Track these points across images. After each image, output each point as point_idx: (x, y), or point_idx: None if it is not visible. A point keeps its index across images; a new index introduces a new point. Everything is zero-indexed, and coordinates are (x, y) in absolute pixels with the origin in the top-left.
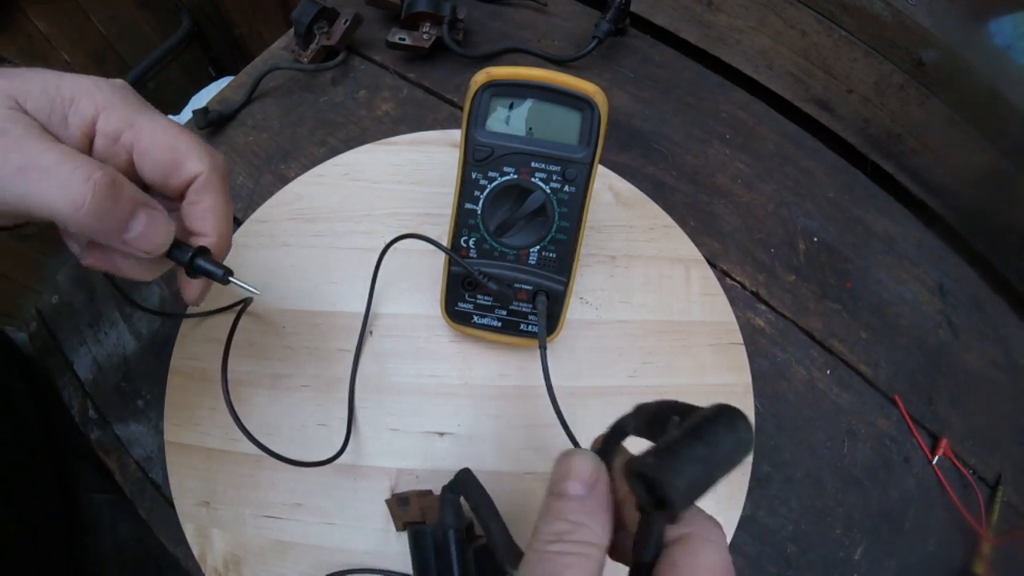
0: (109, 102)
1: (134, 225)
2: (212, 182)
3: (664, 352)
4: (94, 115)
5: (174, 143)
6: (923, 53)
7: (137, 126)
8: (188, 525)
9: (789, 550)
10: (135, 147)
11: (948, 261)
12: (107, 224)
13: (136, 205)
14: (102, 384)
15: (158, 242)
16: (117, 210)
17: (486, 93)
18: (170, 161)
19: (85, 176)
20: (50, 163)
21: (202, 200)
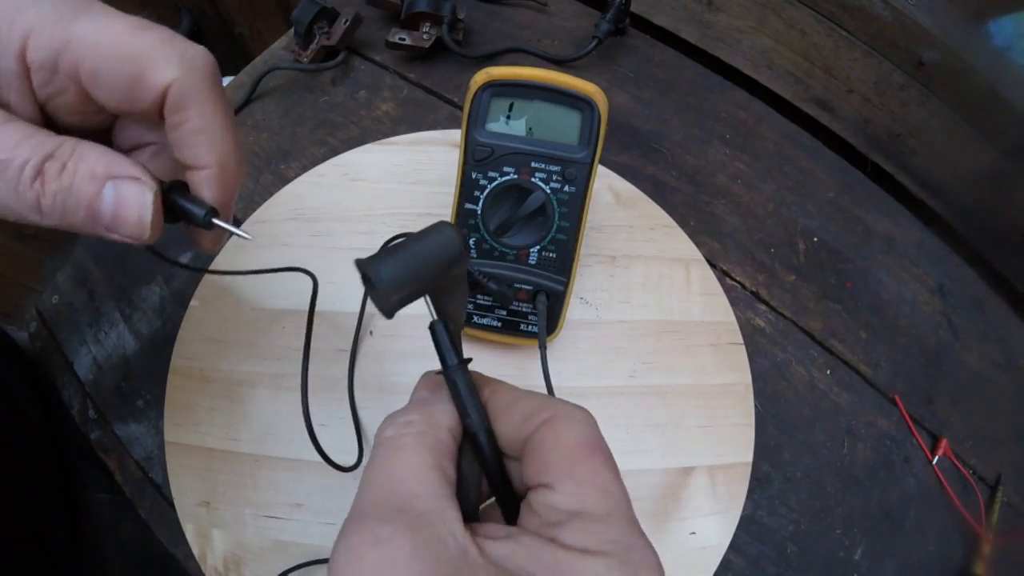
0: (33, 22)
1: (103, 208)
2: (192, 89)
3: (664, 352)
4: (20, 47)
5: (127, 50)
6: (923, 53)
7: (75, 42)
8: (188, 525)
9: (789, 550)
10: (79, 72)
11: (948, 261)
12: (76, 220)
13: (97, 182)
14: (102, 384)
15: (135, 221)
16: (76, 200)
17: (486, 93)
18: (128, 77)
19: (19, 169)
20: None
21: (185, 118)
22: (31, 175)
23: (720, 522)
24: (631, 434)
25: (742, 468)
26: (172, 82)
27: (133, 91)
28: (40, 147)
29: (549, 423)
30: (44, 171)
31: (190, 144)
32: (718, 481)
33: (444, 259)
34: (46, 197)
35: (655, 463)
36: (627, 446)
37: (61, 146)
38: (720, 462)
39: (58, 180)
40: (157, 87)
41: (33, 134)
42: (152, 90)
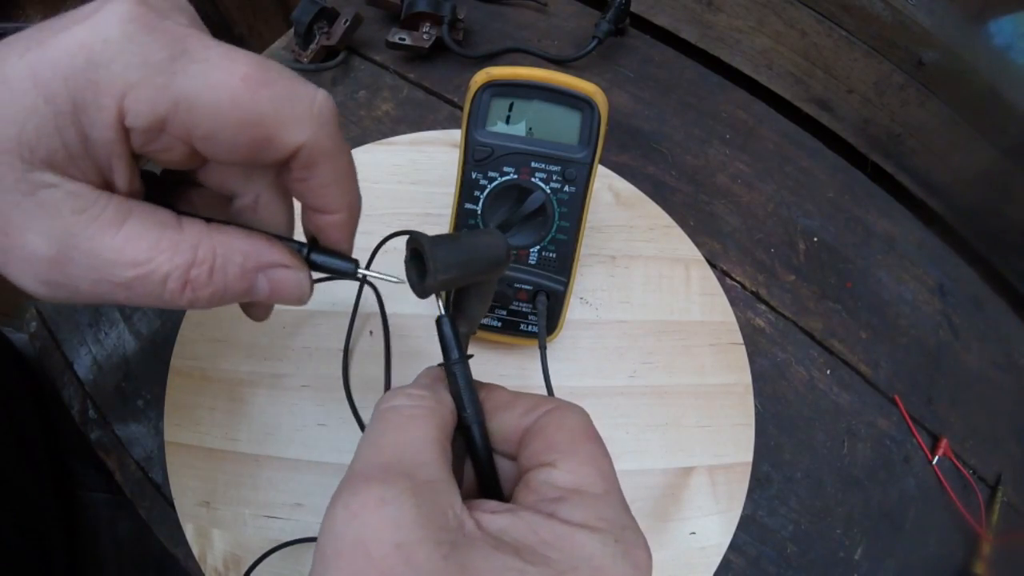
0: (126, 81)
1: (259, 288)
2: (324, 145)
3: (664, 352)
4: (117, 114)
5: (250, 113)
6: (923, 53)
7: (185, 104)
8: (188, 525)
9: (789, 550)
10: (192, 136)
11: (948, 261)
12: (229, 302)
13: (247, 275)
14: (102, 384)
15: (298, 296)
16: (232, 294)
17: (486, 93)
18: (252, 141)
19: (161, 282)
20: (122, 275)
21: (317, 172)
22: (178, 287)
23: (720, 522)
24: (631, 434)
25: (742, 468)
26: (304, 144)
27: (257, 153)
28: (178, 255)
29: (553, 412)
30: (191, 280)
31: (321, 195)
32: (718, 481)
33: (492, 259)
34: (199, 300)
35: (655, 463)
36: (627, 446)
37: (199, 248)
38: (720, 462)
39: (209, 286)
40: (287, 149)
41: (160, 236)
42: (281, 152)
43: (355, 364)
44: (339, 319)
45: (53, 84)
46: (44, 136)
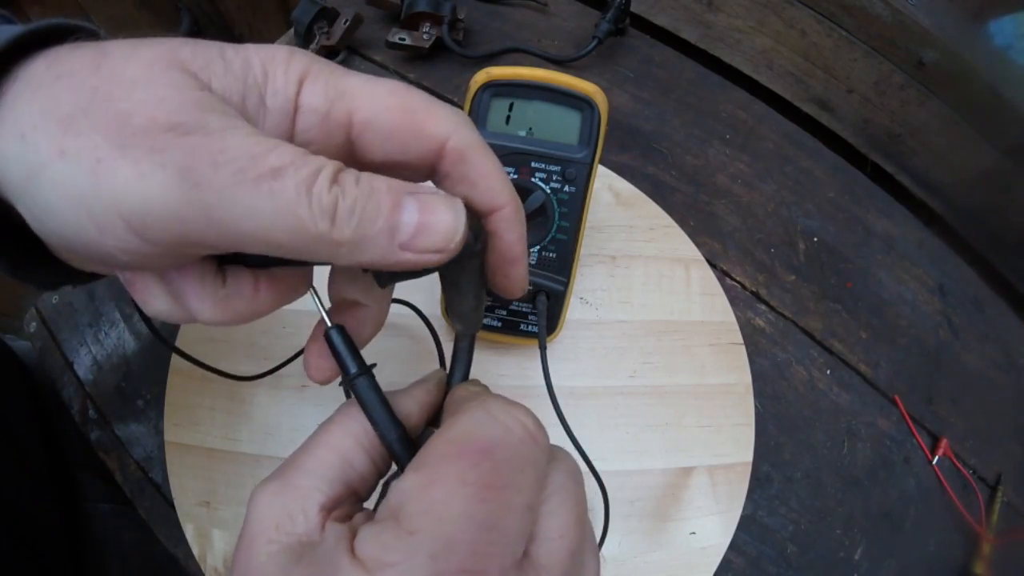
0: (309, 69)
1: (406, 218)
2: (471, 139)
3: (664, 352)
4: (296, 90)
5: (404, 103)
6: (923, 53)
7: (351, 91)
8: (188, 525)
9: (789, 550)
10: (354, 119)
11: (948, 261)
12: (372, 231)
13: (396, 193)
14: (102, 384)
15: (448, 226)
16: (377, 207)
17: (486, 93)
18: (405, 128)
19: (314, 173)
20: (281, 165)
21: (472, 165)
22: (328, 178)
23: (720, 522)
24: (631, 434)
25: (742, 468)
26: (451, 135)
27: (410, 141)
28: (328, 161)
29: (458, 414)
30: (340, 181)
31: (485, 188)
32: (718, 481)
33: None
34: (346, 199)
35: (655, 463)
36: (627, 446)
37: (344, 164)
38: (720, 462)
39: (357, 188)
40: (437, 138)
41: (308, 152)
42: (432, 140)
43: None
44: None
45: (254, 57)
46: (228, 81)
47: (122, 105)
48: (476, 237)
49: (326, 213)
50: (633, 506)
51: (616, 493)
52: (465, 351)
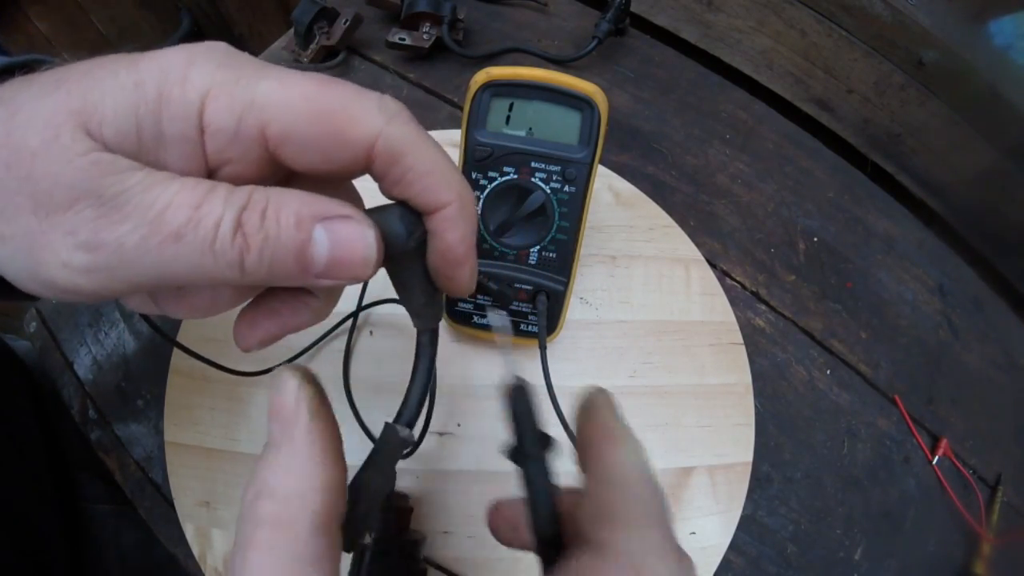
0: (212, 81)
1: (316, 253)
2: (402, 135)
3: (664, 352)
4: (198, 110)
5: (321, 106)
6: (923, 53)
7: (260, 102)
8: (188, 525)
9: (789, 550)
10: (268, 134)
11: (948, 261)
12: (283, 271)
13: (305, 228)
14: (102, 384)
15: (360, 257)
16: (285, 248)
17: (486, 93)
18: (325, 134)
19: (213, 228)
20: (178, 226)
21: (408, 165)
22: (230, 230)
23: (720, 522)
24: None
25: (742, 468)
26: (379, 134)
27: (334, 146)
28: (232, 200)
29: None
30: (243, 224)
31: (422, 188)
32: (718, 481)
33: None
34: (251, 253)
35: (655, 463)
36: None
37: (253, 194)
38: (720, 462)
39: (262, 231)
40: (361, 143)
41: (215, 186)
42: (356, 146)
43: (355, 364)
44: (338, 319)
45: (147, 79)
46: (117, 119)
47: (35, 185)
48: (409, 235)
49: (233, 265)
50: None
51: None
52: (426, 346)
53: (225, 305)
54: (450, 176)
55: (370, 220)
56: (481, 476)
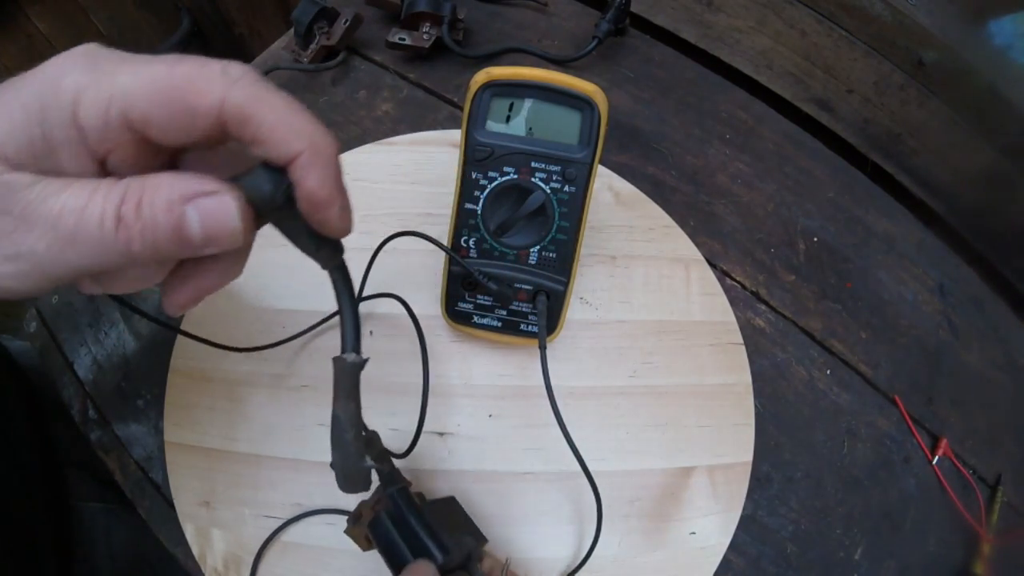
0: (78, 84)
1: (191, 231)
2: (246, 95)
3: (664, 352)
4: (71, 113)
5: (167, 83)
6: (923, 53)
7: (118, 92)
8: (188, 525)
9: (789, 550)
10: (130, 120)
11: (948, 261)
12: (168, 250)
13: (173, 205)
14: (102, 384)
15: (229, 228)
16: (163, 230)
17: (486, 93)
18: (177, 109)
19: (98, 224)
20: (71, 228)
21: (256, 123)
22: (112, 225)
23: (720, 522)
24: (631, 434)
25: (742, 468)
26: (223, 97)
27: (187, 120)
28: (110, 195)
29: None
30: (122, 217)
31: (274, 141)
32: (718, 481)
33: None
34: (133, 241)
35: (655, 463)
36: (627, 446)
37: (129, 187)
38: (720, 462)
39: (139, 220)
40: (209, 110)
41: (97, 186)
42: (206, 115)
43: None
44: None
45: (29, 97)
46: (13, 137)
47: None
48: (275, 191)
49: (123, 253)
50: (633, 506)
51: (616, 493)
52: (339, 280)
53: (155, 275)
54: (299, 126)
55: (236, 189)
56: (481, 476)
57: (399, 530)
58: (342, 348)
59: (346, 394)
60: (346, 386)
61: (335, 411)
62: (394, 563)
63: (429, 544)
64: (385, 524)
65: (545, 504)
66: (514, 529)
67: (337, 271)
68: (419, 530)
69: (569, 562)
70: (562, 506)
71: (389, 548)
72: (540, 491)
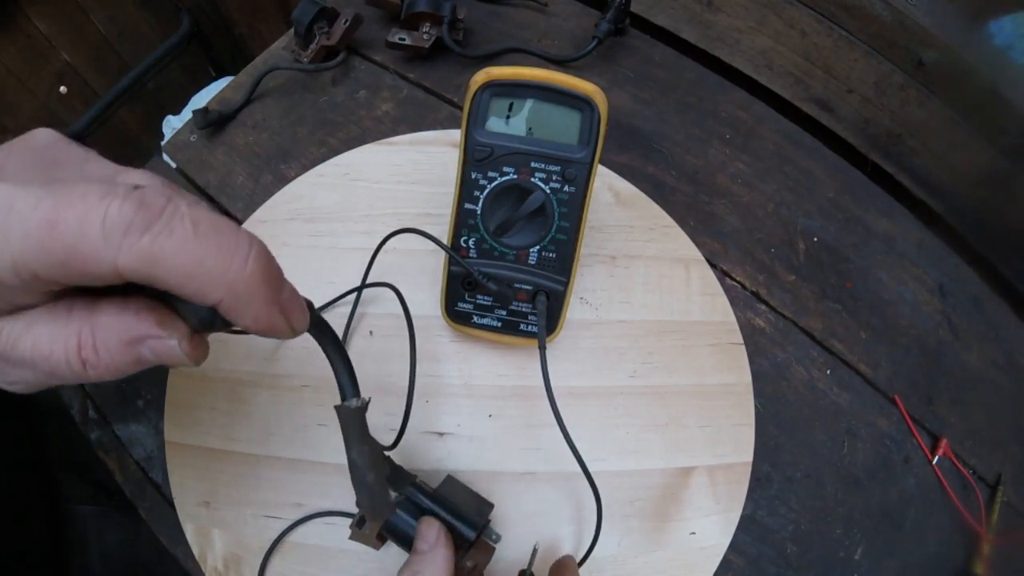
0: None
1: (145, 357)
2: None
3: (664, 352)
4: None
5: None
6: (923, 53)
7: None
8: (188, 525)
9: (789, 550)
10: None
11: (948, 261)
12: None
13: (128, 347)
14: (102, 384)
15: (180, 359)
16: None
17: (486, 93)
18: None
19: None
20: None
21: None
22: (79, 366)
23: (720, 522)
24: (631, 434)
25: (742, 468)
26: (114, 264)
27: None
28: (68, 342)
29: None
30: (86, 360)
31: (188, 295)
32: (718, 481)
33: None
34: (101, 374)
35: (655, 463)
36: (627, 446)
37: (81, 333)
38: (720, 462)
39: (99, 362)
40: (104, 274)
41: (54, 331)
42: (103, 276)
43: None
44: (339, 319)
45: None
46: None
47: None
48: (213, 316)
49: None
50: (633, 506)
51: (616, 493)
52: (319, 338)
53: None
54: (207, 272)
55: (178, 329)
56: (481, 476)
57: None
58: (341, 397)
59: (358, 439)
60: (355, 431)
61: (351, 458)
62: None
63: (458, 525)
64: (406, 521)
65: (545, 504)
66: (514, 529)
67: (314, 330)
68: (444, 515)
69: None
70: (562, 506)
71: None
72: (540, 491)
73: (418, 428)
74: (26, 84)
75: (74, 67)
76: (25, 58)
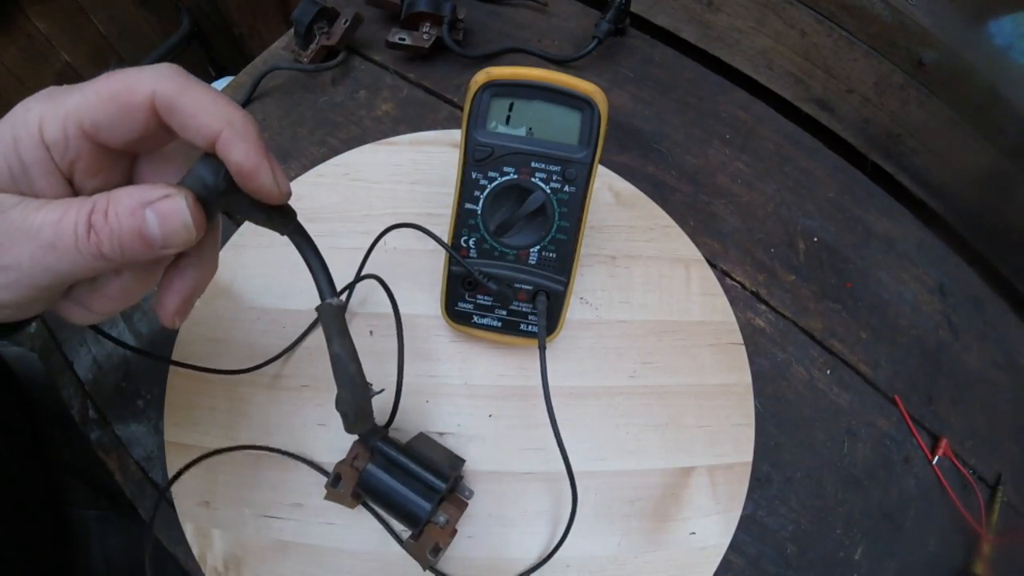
0: (41, 112)
1: (152, 232)
2: (172, 86)
3: (664, 352)
4: (38, 135)
5: (107, 92)
6: (923, 53)
7: (71, 109)
8: (188, 525)
9: (789, 550)
10: (85, 129)
11: (948, 261)
12: (134, 252)
13: (135, 211)
14: (102, 384)
15: (181, 226)
16: (128, 234)
17: (486, 93)
18: (118, 111)
19: (73, 233)
20: (51, 238)
21: (180, 110)
22: (84, 231)
23: (720, 522)
24: (631, 434)
25: (742, 468)
26: (153, 90)
27: (129, 121)
28: (82, 208)
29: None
30: (93, 224)
31: (197, 128)
32: (718, 481)
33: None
34: (103, 244)
35: (655, 463)
36: (627, 446)
37: (97, 201)
38: (720, 462)
39: (106, 226)
40: (142, 101)
41: (71, 203)
42: (141, 109)
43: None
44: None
45: (4, 132)
46: (2, 174)
47: None
48: (215, 177)
49: (96, 256)
50: (633, 506)
51: (616, 493)
52: (296, 235)
53: (135, 293)
54: (217, 108)
55: (184, 189)
56: (480, 476)
57: (392, 475)
58: (320, 297)
59: (339, 333)
60: (337, 327)
61: (334, 351)
62: (395, 507)
63: (428, 476)
64: (377, 475)
65: (544, 504)
66: (513, 529)
67: (295, 234)
68: (414, 467)
69: (568, 562)
70: (561, 506)
71: (388, 494)
72: (540, 491)
73: (418, 428)
74: (26, 84)
75: (74, 67)
76: (25, 58)
